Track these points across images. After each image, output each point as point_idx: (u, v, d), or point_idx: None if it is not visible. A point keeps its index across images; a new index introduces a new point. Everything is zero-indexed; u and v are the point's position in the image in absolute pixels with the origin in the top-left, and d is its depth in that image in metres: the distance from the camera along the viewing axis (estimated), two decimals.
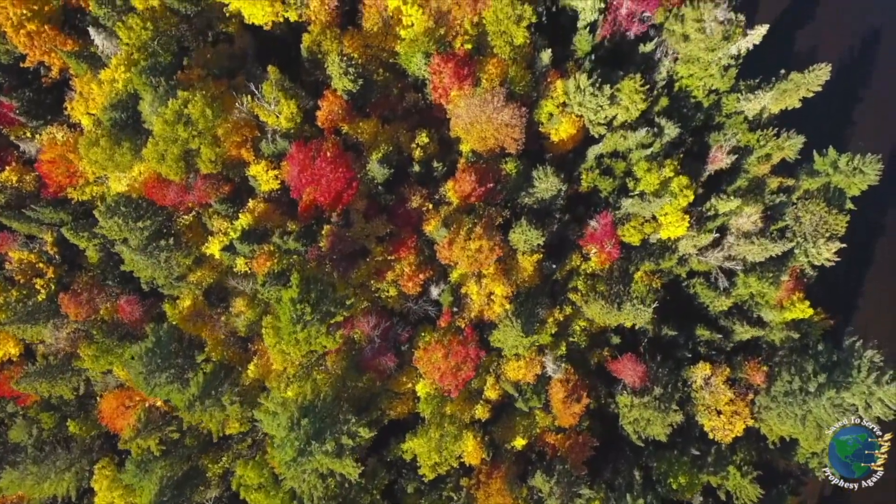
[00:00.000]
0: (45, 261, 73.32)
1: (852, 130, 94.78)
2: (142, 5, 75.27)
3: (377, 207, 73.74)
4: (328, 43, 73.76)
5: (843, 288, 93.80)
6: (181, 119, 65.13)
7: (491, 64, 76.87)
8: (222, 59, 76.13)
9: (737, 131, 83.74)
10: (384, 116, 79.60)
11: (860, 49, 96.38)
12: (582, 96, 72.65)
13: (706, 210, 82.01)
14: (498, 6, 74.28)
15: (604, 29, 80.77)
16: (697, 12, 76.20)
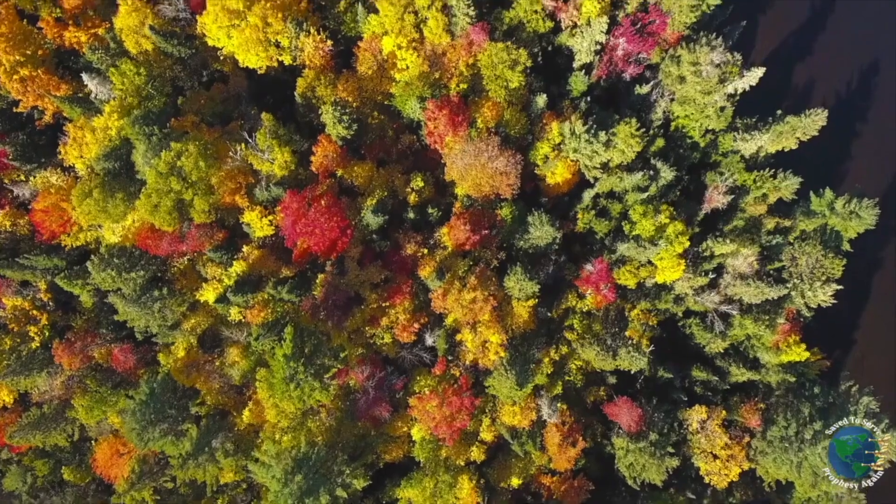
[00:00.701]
0: (39, 308, 73.16)
1: (849, 169, 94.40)
2: (135, 49, 75.20)
3: (372, 254, 73.49)
4: (322, 89, 73.50)
5: (840, 323, 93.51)
6: (174, 171, 64.89)
7: (486, 107, 76.62)
8: (216, 104, 75.83)
9: (733, 170, 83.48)
10: (379, 158, 79.35)
11: (858, 84, 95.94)
12: (577, 142, 72.36)
13: (702, 250, 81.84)
14: (493, 51, 74.08)
15: (599, 70, 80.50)
16: (693, 56, 76.00)
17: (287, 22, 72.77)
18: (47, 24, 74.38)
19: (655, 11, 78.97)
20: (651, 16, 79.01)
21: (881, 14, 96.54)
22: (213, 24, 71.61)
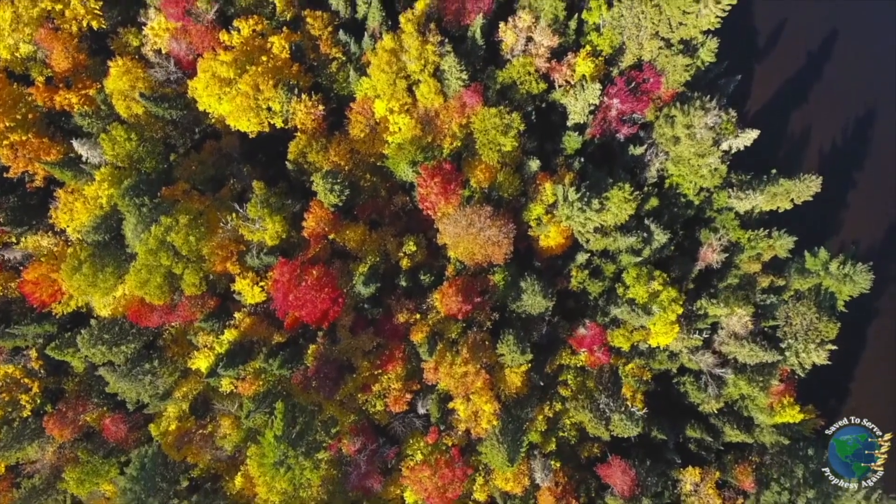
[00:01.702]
0: (31, 375, 72.96)
1: (845, 220, 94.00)
2: (126, 113, 74.76)
3: (364, 321, 73.23)
4: (314, 154, 73.09)
5: (834, 374, 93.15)
6: (164, 246, 64.58)
7: (479, 169, 76.27)
8: (207, 168, 75.48)
9: (728, 227, 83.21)
10: (372, 219, 78.99)
11: (854, 134, 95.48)
12: (570, 209, 71.97)
13: (696, 309, 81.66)
14: (486, 115, 73.73)
15: (593, 129, 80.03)
16: (687, 118, 75.67)
17: (278, 88, 72.34)
18: (37, 90, 73.86)
19: (649, 70, 78.58)
20: (645, 74, 78.61)
21: (877, 63, 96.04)
22: (203, 90, 71.20)
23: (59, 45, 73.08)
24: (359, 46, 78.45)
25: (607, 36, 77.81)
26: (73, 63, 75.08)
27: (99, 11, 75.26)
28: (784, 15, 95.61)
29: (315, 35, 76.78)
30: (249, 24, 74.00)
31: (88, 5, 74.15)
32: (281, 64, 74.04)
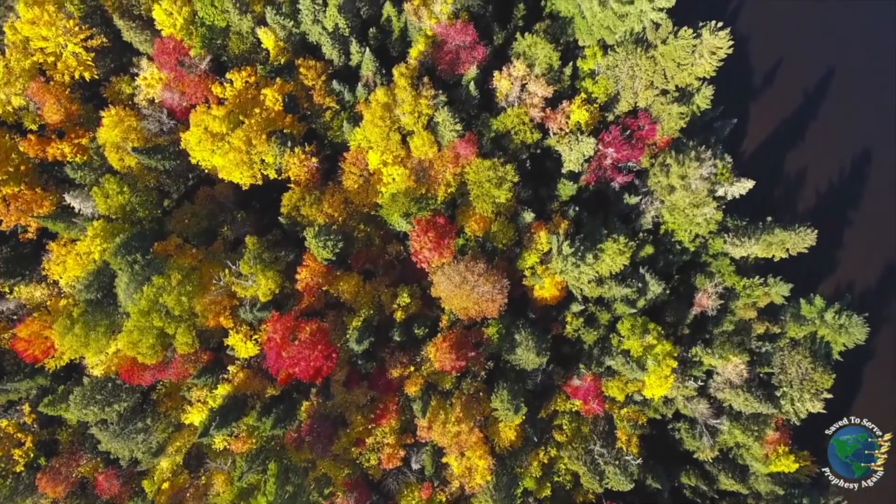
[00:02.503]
0: (24, 430, 72.79)
1: (840, 261, 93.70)
2: (119, 165, 74.46)
3: (358, 376, 73.07)
4: (307, 208, 72.82)
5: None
6: (156, 307, 64.35)
7: (473, 219, 76.04)
8: (201, 220, 75.17)
9: (723, 272, 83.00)
10: (366, 269, 78.73)
11: (850, 176, 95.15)
12: (564, 263, 71.70)
13: (692, 356, 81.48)
14: (480, 168, 73.49)
15: (588, 176, 79.74)
16: (682, 168, 75.36)
17: (271, 141, 72.06)
18: (29, 143, 73.53)
19: (644, 117, 78.34)
20: (640, 121, 78.37)
21: (874, 104, 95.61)
22: (196, 145, 70.91)
23: (51, 97, 72.74)
24: (353, 95, 78.14)
25: (602, 84, 77.50)
26: (65, 114, 74.72)
27: (91, 63, 74.94)
28: (780, 55, 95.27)
29: (308, 85, 76.44)
30: (242, 75, 73.69)
31: (81, 57, 73.76)
32: (274, 116, 73.74)
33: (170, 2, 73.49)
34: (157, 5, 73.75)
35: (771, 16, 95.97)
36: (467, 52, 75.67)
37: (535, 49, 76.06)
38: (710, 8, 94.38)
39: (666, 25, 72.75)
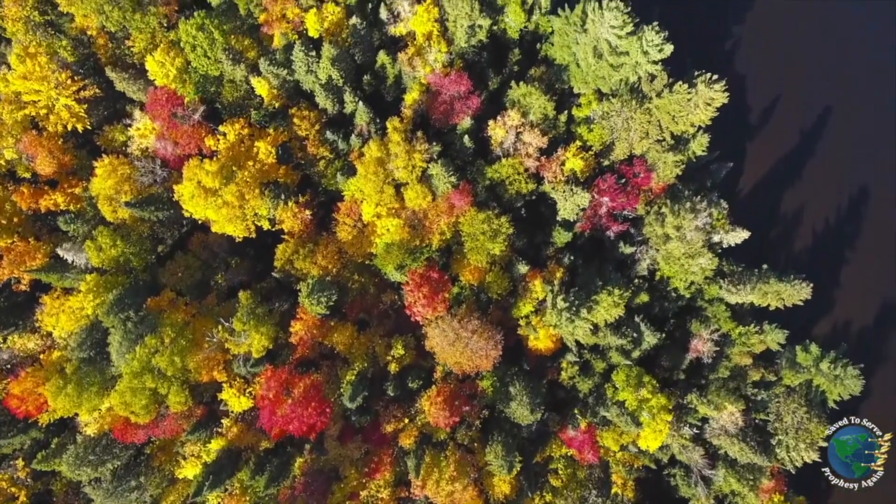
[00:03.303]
0: (17, 484, 72.71)
1: (838, 306, 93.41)
2: (112, 217, 74.19)
3: (352, 430, 72.96)
4: (300, 261, 72.60)
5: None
6: (149, 368, 64.22)
7: (468, 270, 75.81)
8: (194, 271, 75.00)
9: (719, 317, 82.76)
10: (360, 318, 78.52)
11: (847, 215, 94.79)
12: (559, 318, 71.46)
13: (687, 402, 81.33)
14: (474, 221, 73.22)
15: (583, 224, 79.37)
16: (677, 219, 75.11)
17: (264, 195, 71.81)
18: (21, 196, 73.37)
19: (640, 164, 78.07)
20: (636, 168, 78.12)
21: (871, 141, 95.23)
22: (189, 199, 70.57)
23: (43, 151, 72.57)
24: (347, 144, 77.86)
25: (597, 132, 77.20)
26: (57, 165, 74.60)
27: (84, 114, 74.65)
28: (777, 92, 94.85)
29: (302, 135, 76.14)
30: (235, 128, 73.41)
31: (73, 109, 73.48)
32: (268, 168, 73.46)
33: (162, 53, 73.26)
34: (150, 57, 73.54)
35: (768, 53, 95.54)
36: (461, 102, 75.34)
37: (529, 98, 75.73)
38: (705, 44, 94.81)
39: (661, 77, 72.47)
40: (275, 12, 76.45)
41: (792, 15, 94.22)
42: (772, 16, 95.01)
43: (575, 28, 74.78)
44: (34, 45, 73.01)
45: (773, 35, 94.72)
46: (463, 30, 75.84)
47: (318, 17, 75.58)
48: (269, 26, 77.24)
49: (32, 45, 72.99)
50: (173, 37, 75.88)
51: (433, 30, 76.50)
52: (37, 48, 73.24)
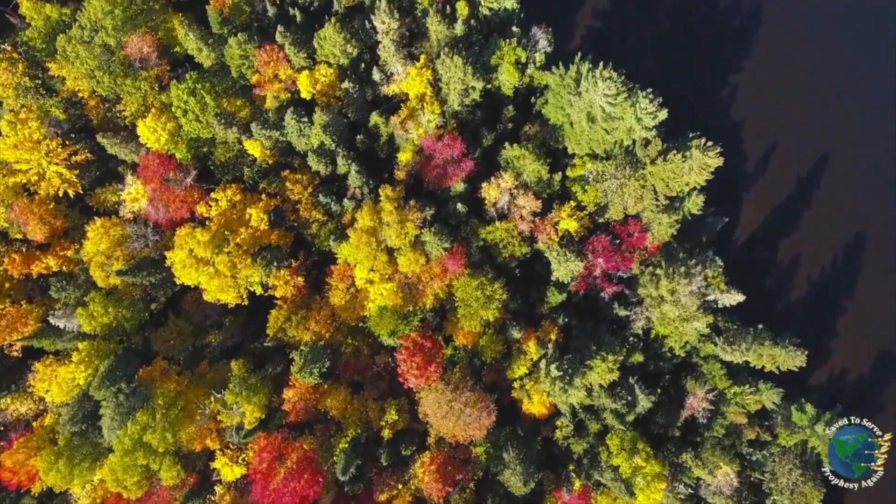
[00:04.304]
0: None
1: (835, 360, 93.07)
2: (104, 283, 73.84)
3: (345, 499, 72.76)
4: (293, 329, 72.31)
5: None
6: (141, 445, 64.01)
7: (461, 334, 75.54)
8: (187, 337, 74.75)
9: (714, 375, 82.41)
10: (353, 381, 78.28)
11: (843, 265, 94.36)
12: (552, 388, 71.15)
13: (682, 461, 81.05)
14: (468, 287, 72.89)
15: (578, 284, 78.97)
16: (672, 284, 74.74)
17: (256, 263, 71.46)
18: (13, 263, 73.02)
19: (635, 224, 77.79)
20: (630, 228, 77.81)
21: (868, 191, 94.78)
22: (181, 268, 70.25)
23: (35, 218, 72.19)
24: (340, 206, 77.52)
25: (591, 193, 76.81)
26: (49, 231, 74.24)
27: (75, 179, 74.29)
28: (772, 143, 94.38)
29: (295, 199, 75.78)
30: (227, 194, 73.02)
31: (64, 175, 73.09)
32: (260, 234, 73.11)
33: (153, 119, 72.94)
34: (142, 122, 73.21)
35: (763, 98, 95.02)
36: (455, 166, 74.94)
37: (522, 161, 75.35)
38: (699, 94, 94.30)
39: (655, 143, 72.10)
40: (267, 74, 76.03)
41: (787, 66, 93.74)
42: (767, 67, 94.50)
43: (569, 90, 74.41)
44: (25, 112, 72.57)
45: (768, 86, 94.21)
46: (456, 92, 75.43)
47: (310, 79, 75.23)
48: (261, 87, 76.83)
49: (23, 112, 72.54)
50: (165, 99, 75.52)
51: (426, 91, 76.07)
52: (27, 113, 72.89)
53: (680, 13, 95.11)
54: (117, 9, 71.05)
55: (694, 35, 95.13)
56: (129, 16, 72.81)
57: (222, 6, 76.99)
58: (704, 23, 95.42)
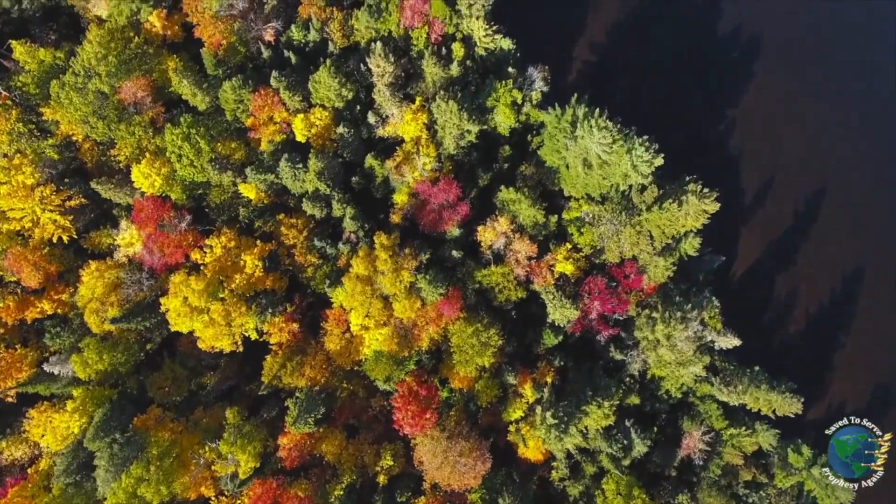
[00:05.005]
0: None
1: (833, 393, 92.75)
2: (98, 330, 73.66)
3: None
4: (288, 376, 72.17)
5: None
6: (135, 497, 63.93)
7: (457, 379, 75.37)
8: (181, 383, 74.64)
9: (711, 415, 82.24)
10: (349, 424, 78.16)
11: (841, 298, 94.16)
12: (548, 435, 70.97)
13: (678, 502, 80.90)
14: (463, 334, 72.69)
15: (574, 326, 78.74)
16: (668, 329, 74.51)
17: (251, 311, 71.27)
18: (7, 311, 72.89)
19: (631, 266, 77.57)
20: (626, 270, 77.59)
21: (864, 222, 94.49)
22: (176, 316, 70.09)
23: (29, 265, 71.99)
24: (335, 249, 77.30)
25: (588, 235, 76.51)
26: (43, 276, 74.06)
27: (69, 224, 74.06)
28: (769, 178, 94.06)
29: (290, 244, 75.55)
30: (222, 240, 72.72)
31: (58, 222, 72.88)
32: (255, 280, 72.90)
33: (147, 164, 72.75)
34: (136, 167, 72.98)
35: (760, 131, 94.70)
36: (450, 211, 74.66)
37: (518, 205, 75.07)
38: (696, 132, 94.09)
39: (651, 190, 71.79)
40: (262, 117, 75.74)
41: (784, 100, 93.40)
42: (764, 100, 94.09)
43: (564, 134, 74.06)
44: (19, 157, 72.36)
45: (765, 119, 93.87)
46: (452, 136, 75.11)
47: (305, 122, 74.95)
48: (256, 130, 76.56)
49: (17, 157, 72.33)
50: (159, 142, 75.26)
51: (422, 135, 75.75)
52: (21, 158, 72.66)
53: (677, 46, 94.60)
54: (111, 55, 70.73)
55: (690, 68, 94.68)
56: (124, 60, 72.50)
57: (217, 48, 76.73)
58: (700, 56, 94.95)
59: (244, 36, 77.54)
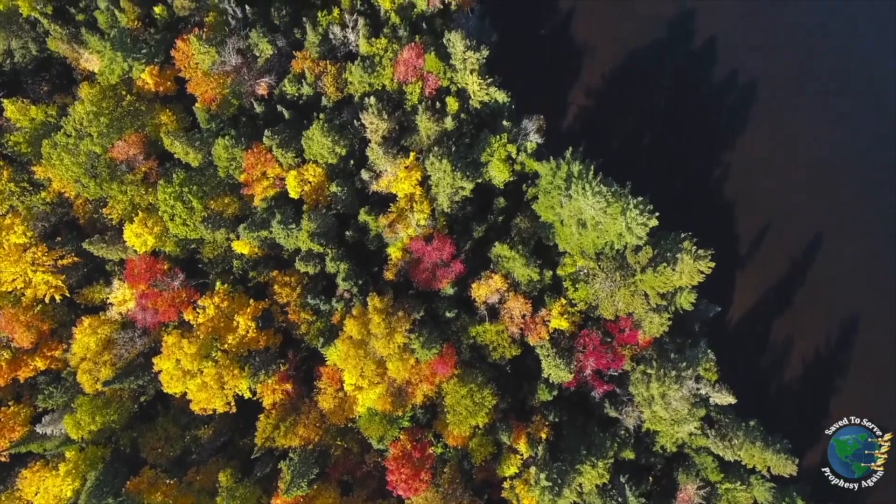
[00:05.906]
0: None
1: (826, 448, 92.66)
2: (91, 390, 73.46)
3: None
4: (281, 438, 71.96)
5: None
6: None
7: (451, 437, 75.12)
8: (175, 441, 74.42)
9: (706, 467, 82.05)
10: (343, 480, 78.00)
11: (840, 343, 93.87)
12: (542, 497, 70.77)
13: None
14: (456, 395, 72.45)
15: (569, 382, 78.39)
16: (662, 387, 74.24)
17: (243, 373, 71.01)
18: (0, 373, 72.55)
19: (626, 321, 77.28)
20: (621, 325, 77.33)
21: (862, 267, 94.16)
22: (168, 379, 69.83)
23: (21, 326, 71.71)
24: (329, 305, 76.95)
25: (582, 292, 76.20)
26: (36, 335, 73.81)
27: (62, 283, 73.79)
28: (764, 223, 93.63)
29: (283, 302, 75.25)
30: (215, 301, 72.39)
31: (51, 282, 72.59)
32: (248, 340, 72.62)
33: (140, 224, 72.41)
34: (128, 226, 72.68)
35: (755, 177, 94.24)
36: (444, 269, 74.32)
37: (512, 263, 74.74)
38: (690, 178, 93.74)
39: (646, 251, 71.46)
40: (255, 174, 75.38)
41: (780, 147, 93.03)
42: (759, 146, 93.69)
43: (559, 190, 73.66)
44: (10, 217, 72.04)
45: (760, 165, 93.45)
46: (446, 193, 74.73)
47: (298, 179, 74.58)
48: (249, 186, 76.21)
49: (9, 217, 72.03)
50: (152, 199, 74.93)
51: (415, 191, 75.40)
52: (13, 218, 72.34)
53: (673, 93, 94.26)
54: (103, 115, 70.38)
55: (686, 114, 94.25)
56: (116, 118, 72.16)
57: (210, 103, 76.34)
58: (697, 103, 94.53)
59: (237, 90, 77.18)
